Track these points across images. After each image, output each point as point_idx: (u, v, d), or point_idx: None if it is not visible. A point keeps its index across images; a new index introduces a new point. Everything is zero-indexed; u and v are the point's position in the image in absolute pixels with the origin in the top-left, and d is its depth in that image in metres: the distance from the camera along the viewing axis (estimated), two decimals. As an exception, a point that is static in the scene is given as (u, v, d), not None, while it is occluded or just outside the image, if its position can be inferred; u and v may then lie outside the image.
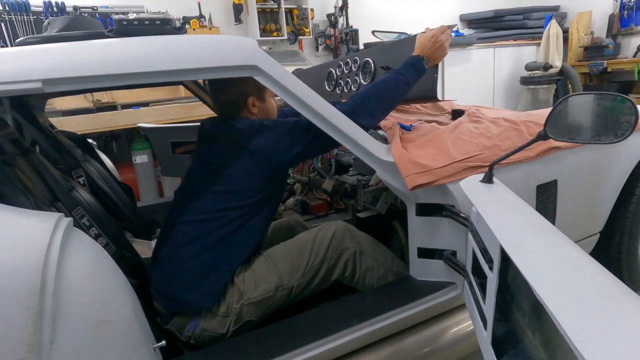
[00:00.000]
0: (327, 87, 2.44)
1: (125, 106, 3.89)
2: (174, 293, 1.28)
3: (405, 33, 5.51)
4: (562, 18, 6.03)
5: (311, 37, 5.26)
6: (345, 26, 5.26)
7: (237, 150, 1.28)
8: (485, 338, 0.98)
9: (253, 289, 1.30)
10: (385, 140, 1.49)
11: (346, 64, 2.27)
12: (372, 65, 2.03)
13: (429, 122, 1.75)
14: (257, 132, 1.27)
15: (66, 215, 0.92)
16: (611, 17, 5.51)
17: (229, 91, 1.36)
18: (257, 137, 1.27)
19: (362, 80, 2.13)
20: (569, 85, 5.35)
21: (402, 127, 1.57)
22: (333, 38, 5.27)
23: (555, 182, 1.54)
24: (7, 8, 3.64)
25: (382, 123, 1.68)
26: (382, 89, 1.34)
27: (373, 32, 5.44)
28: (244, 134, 1.28)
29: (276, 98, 1.40)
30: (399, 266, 1.51)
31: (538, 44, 5.62)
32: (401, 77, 1.36)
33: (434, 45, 1.42)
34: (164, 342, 1.06)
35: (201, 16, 4.55)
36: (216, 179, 1.30)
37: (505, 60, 5.76)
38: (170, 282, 1.29)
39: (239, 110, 1.37)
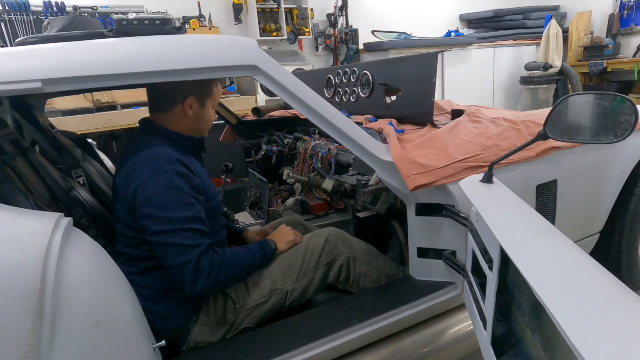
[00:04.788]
0: (326, 94, 2.45)
1: (125, 106, 3.89)
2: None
3: (405, 33, 5.52)
4: (562, 18, 6.03)
5: (311, 37, 5.26)
6: (345, 26, 5.26)
7: (122, 190, 1.16)
8: (485, 338, 0.98)
9: (247, 295, 1.28)
10: (384, 140, 1.49)
11: (345, 73, 2.29)
12: (371, 79, 2.05)
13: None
14: (147, 184, 1.11)
15: (66, 216, 0.92)
16: (611, 17, 5.51)
17: (171, 82, 1.19)
18: (139, 180, 1.11)
19: (360, 93, 2.15)
20: (569, 85, 5.35)
21: (395, 130, 1.57)
22: (333, 38, 5.26)
23: (555, 182, 1.54)
24: (7, 8, 3.64)
25: (378, 125, 1.69)
26: (237, 264, 1.22)
27: (373, 32, 5.45)
28: (134, 166, 1.14)
29: (276, 98, 1.38)
30: (392, 269, 1.51)
31: (538, 44, 5.62)
32: (249, 254, 1.28)
33: (285, 236, 1.40)
34: (163, 342, 1.06)
35: (201, 16, 4.55)
36: (117, 215, 1.21)
37: (505, 60, 5.76)
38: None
39: (173, 106, 1.24)
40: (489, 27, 6.07)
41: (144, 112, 1.43)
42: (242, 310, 1.27)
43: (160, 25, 1.18)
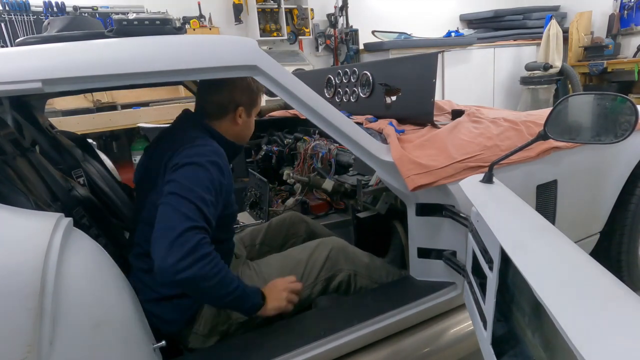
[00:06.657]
0: (326, 94, 2.45)
1: (125, 106, 3.90)
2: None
3: (405, 33, 5.52)
4: (562, 18, 6.03)
5: (311, 37, 5.26)
6: (345, 26, 5.26)
7: (161, 170, 1.16)
8: (485, 338, 0.98)
9: None
10: (384, 140, 1.49)
11: (345, 73, 2.29)
12: (371, 79, 2.05)
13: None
14: (185, 157, 1.12)
15: (66, 216, 0.92)
16: (611, 17, 5.51)
17: (223, 93, 1.28)
18: (180, 158, 1.13)
19: (360, 93, 2.15)
20: (569, 85, 5.35)
21: (395, 130, 1.57)
22: (333, 38, 5.26)
23: (555, 182, 1.54)
24: (7, 8, 3.64)
25: (378, 125, 1.69)
26: (220, 273, 1.06)
27: (373, 32, 5.44)
28: (177, 147, 1.15)
29: (276, 98, 1.38)
30: (393, 278, 1.50)
31: (538, 44, 5.62)
32: (235, 283, 1.12)
33: (277, 293, 1.23)
34: (163, 342, 1.06)
35: (201, 16, 4.56)
36: (144, 201, 1.21)
37: (505, 60, 5.76)
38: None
39: (224, 115, 1.29)
40: (489, 27, 6.07)
41: (144, 112, 1.44)
42: (235, 322, 1.25)
43: (160, 25, 1.18)
